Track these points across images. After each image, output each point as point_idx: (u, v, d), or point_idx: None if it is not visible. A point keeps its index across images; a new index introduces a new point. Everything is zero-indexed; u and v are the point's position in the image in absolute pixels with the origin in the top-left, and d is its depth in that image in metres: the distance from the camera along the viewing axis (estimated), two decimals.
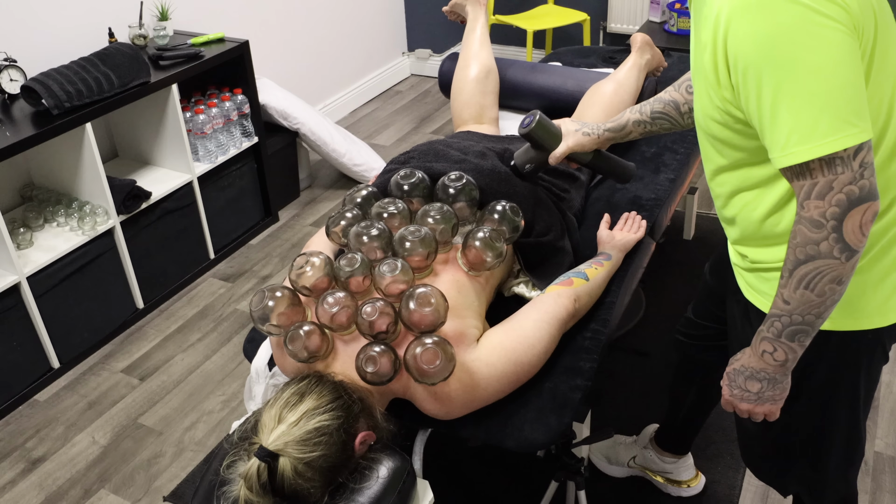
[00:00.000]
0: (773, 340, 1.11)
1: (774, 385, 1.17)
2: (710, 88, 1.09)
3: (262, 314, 1.35)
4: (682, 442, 1.92)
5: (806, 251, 1.01)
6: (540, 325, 1.45)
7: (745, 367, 1.18)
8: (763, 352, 1.13)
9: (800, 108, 0.95)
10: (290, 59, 3.78)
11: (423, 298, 1.30)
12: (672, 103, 1.52)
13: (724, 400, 1.25)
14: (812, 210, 0.99)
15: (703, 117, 1.16)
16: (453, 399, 1.34)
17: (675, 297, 2.67)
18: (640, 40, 2.28)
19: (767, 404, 1.19)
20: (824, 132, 0.94)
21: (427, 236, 1.41)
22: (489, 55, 2.32)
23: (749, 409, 1.21)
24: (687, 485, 1.97)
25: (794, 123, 0.96)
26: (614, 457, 2.04)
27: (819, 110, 0.94)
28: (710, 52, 1.05)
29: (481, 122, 2.22)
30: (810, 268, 1.01)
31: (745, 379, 1.18)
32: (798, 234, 1.01)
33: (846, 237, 0.98)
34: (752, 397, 1.19)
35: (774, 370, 1.14)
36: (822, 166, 0.97)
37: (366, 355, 1.28)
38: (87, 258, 2.50)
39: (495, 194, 1.61)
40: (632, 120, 1.58)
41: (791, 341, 1.09)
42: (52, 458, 2.21)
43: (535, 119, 1.60)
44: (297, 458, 1.17)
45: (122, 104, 2.47)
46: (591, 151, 1.65)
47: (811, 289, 1.02)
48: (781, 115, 0.97)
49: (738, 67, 1.00)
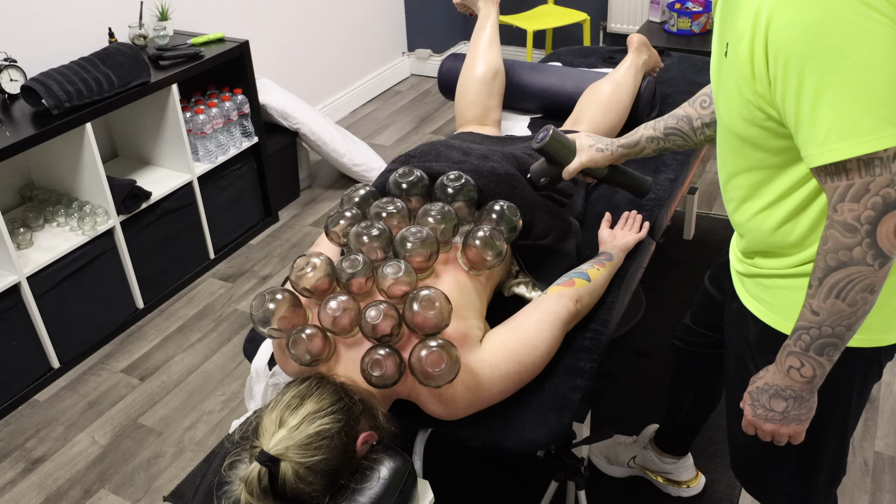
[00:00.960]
0: (801, 355, 1.05)
1: (801, 404, 1.11)
2: (743, 82, 1.03)
3: (263, 317, 1.34)
4: (682, 443, 1.93)
5: (838, 257, 0.96)
6: (542, 326, 1.45)
7: (769, 384, 1.12)
8: (790, 367, 1.08)
9: (843, 104, 0.91)
10: (290, 59, 3.78)
11: (428, 301, 1.29)
12: (685, 118, 1.48)
13: (745, 421, 1.19)
14: (846, 213, 0.94)
15: (729, 114, 1.11)
16: (458, 400, 1.34)
17: (675, 297, 2.68)
18: (636, 41, 2.28)
19: (793, 425, 1.13)
20: (867, 130, 0.90)
21: (429, 237, 1.41)
22: (497, 55, 2.28)
23: (774, 430, 1.15)
24: (687, 485, 1.97)
25: (836, 119, 0.92)
26: (614, 457, 2.04)
27: (864, 107, 0.90)
28: (748, 41, 0.99)
29: (484, 124, 2.21)
30: (842, 275, 0.97)
31: (770, 398, 1.12)
32: (830, 240, 0.96)
33: (880, 242, 0.94)
34: (778, 417, 1.13)
35: (801, 387, 1.09)
36: (859, 167, 0.92)
37: (371, 359, 1.27)
38: (87, 258, 2.50)
39: (494, 195, 1.61)
40: (645, 136, 1.55)
41: (819, 355, 1.04)
42: (52, 458, 2.21)
43: (549, 134, 1.59)
44: (298, 463, 1.17)
45: (122, 104, 2.47)
46: (606, 167, 1.63)
47: (842, 298, 0.98)
48: (822, 110, 0.92)
49: (779, 58, 0.95)
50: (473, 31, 2.39)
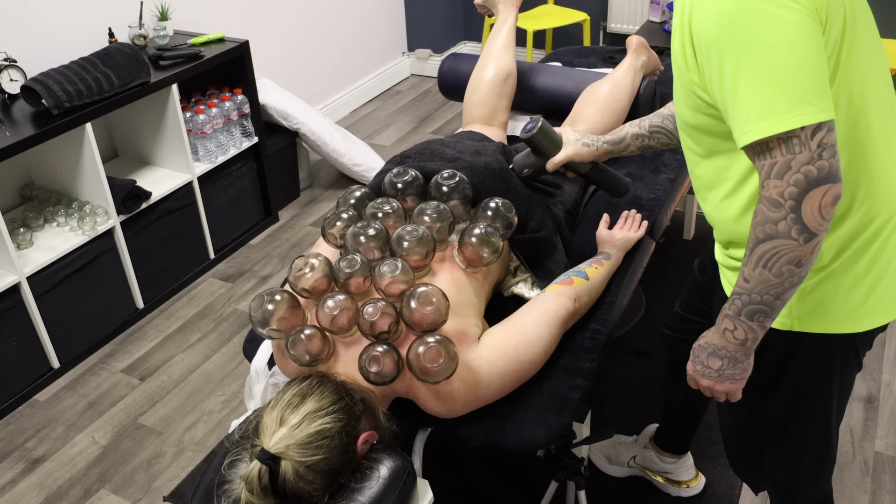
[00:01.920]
0: (734, 318, 1.11)
1: (735, 364, 1.17)
2: (681, 74, 1.11)
3: (262, 318, 1.34)
4: (681, 441, 1.93)
5: (765, 230, 1.01)
6: (540, 324, 1.45)
7: (708, 343, 1.19)
8: (724, 329, 1.14)
9: (758, 86, 0.96)
10: (290, 59, 3.78)
11: (425, 297, 1.30)
12: (670, 117, 1.53)
13: (688, 375, 1.26)
14: (771, 189, 0.99)
15: (679, 106, 1.17)
16: (456, 397, 1.34)
17: (675, 297, 2.66)
18: (635, 42, 2.29)
19: (727, 383, 1.20)
20: (781, 110, 0.95)
21: (425, 235, 1.42)
22: (511, 59, 2.28)
23: (710, 385, 1.21)
24: (687, 485, 1.97)
25: (752, 100, 0.97)
26: (614, 456, 2.04)
27: (777, 88, 0.95)
28: (679, 35, 1.07)
29: (490, 125, 2.20)
30: (768, 247, 1.01)
31: (708, 355, 1.19)
32: (758, 213, 1.01)
33: (805, 219, 0.98)
34: (713, 374, 1.20)
35: (735, 349, 1.15)
36: (780, 145, 0.97)
37: (369, 356, 1.28)
38: (87, 258, 2.50)
39: (489, 191, 1.61)
40: (630, 133, 1.59)
41: (750, 320, 1.09)
42: (52, 458, 2.21)
43: (538, 125, 1.62)
44: (298, 462, 1.17)
45: (122, 104, 2.47)
46: (589, 163, 1.67)
47: (769, 268, 1.02)
48: (741, 93, 0.98)
49: (701, 48, 1.02)
50: (491, 32, 2.38)
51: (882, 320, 1.20)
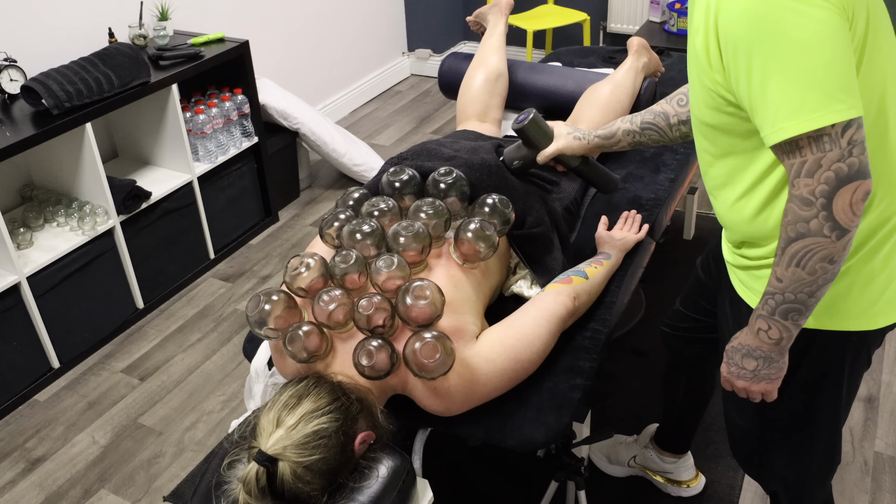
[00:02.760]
0: (768, 318, 1.12)
1: (770, 364, 1.17)
2: (702, 73, 1.10)
3: (259, 318, 1.34)
4: (681, 441, 1.93)
5: (797, 229, 1.01)
6: (539, 323, 1.45)
7: (742, 344, 1.19)
8: (758, 329, 1.14)
9: (788, 84, 0.96)
10: (290, 59, 3.78)
11: (420, 292, 1.30)
12: (662, 114, 1.54)
13: (722, 377, 1.26)
14: (802, 188, 0.99)
15: (697, 104, 1.17)
16: (453, 395, 1.34)
17: (675, 297, 2.66)
18: (636, 44, 2.30)
19: (763, 383, 1.20)
20: (812, 108, 0.95)
21: (420, 231, 1.42)
22: (501, 60, 2.33)
23: (745, 386, 1.22)
24: (687, 485, 1.97)
25: (783, 99, 0.97)
26: (615, 456, 2.04)
27: (806, 86, 0.95)
28: (703, 34, 1.06)
29: (484, 121, 2.22)
30: (801, 245, 1.02)
31: (742, 356, 1.19)
32: (789, 212, 1.02)
33: (836, 216, 0.98)
34: (749, 375, 1.20)
35: (770, 348, 1.15)
36: (810, 143, 0.97)
37: (362, 349, 1.28)
38: (87, 258, 2.50)
39: (486, 188, 1.61)
40: (622, 129, 1.60)
41: (784, 319, 1.10)
42: (52, 458, 2.21)
43: (530, 117, 1.64)
44: (296, 462, 1.17)
45: (122, 104, 2.47)
46: (579, 157, 1.68)
47: (802, 266, 1.03)
48: (770, 92, 0.98)
49: (728, 47, 1.01)
50: (482, 38, 2.45)
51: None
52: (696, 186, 2.95)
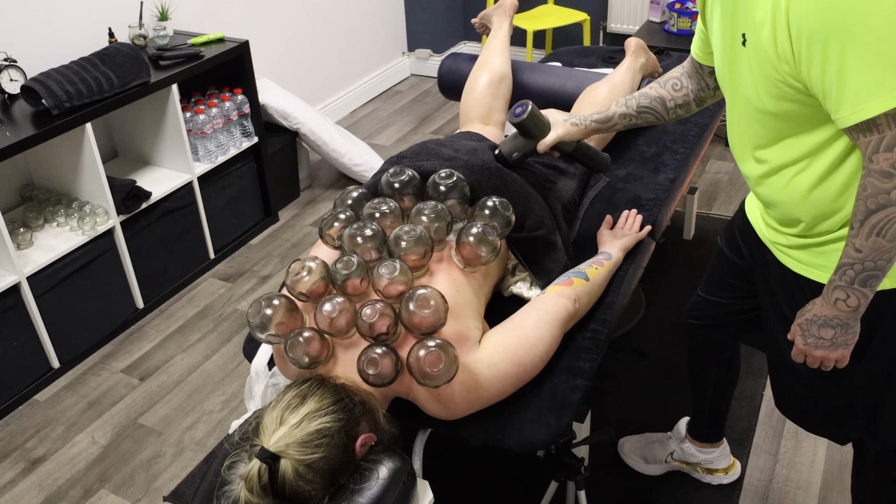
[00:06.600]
0: (846, 288, 1.18)
1: (846, 330, 1.24)
2: (767, 65, 1.15)
3: (261, 323, 1.34)
4: (715, 428, 1.95)
5: (877, 201, 1.09)
6: (541, 326, 1.45)
7: (818, 315, 1.25)
8: (836, 300, 1.21)
9: (866, 69, 1.03)
10: (290, 59, 3.78)
11: (423, 300, 1.29)
12: (658, 99, 1.60)
13: (796, 350, 1.31)
14: (881, 162, 1.07)
15: (757, 95, 1.21)
16: (456, 400, 1.34)
17: (675, 297, 2.68)
18: (634, 44, 2.31)
19: (840, 349, 1.27)
20: (891, 87, 1.02)
21: (422, 235, 1.41)
22: (506, 62, 2.33)
23: (823, 355, 1.28)
24: (725, 472, 1.98)
25: (862, 82, 1.04)
26: (651, 456, 2.05)
27: (884, 67, 1.02)
28: (770, 28, 1.11)
29: (487, 124, 2.22)
30: (882, 216, 1.09)
31: (819, 327, 1.25)
32: (868, 187, 1.09)
33: None
34: (826, 343, 1.26)
35: (847, 316, 1.22)
36: (888, 120, 1.04)
37: (367, 357, 1.27)
38: (87, 258, 2.50)
39: (486, 190, 1.61)
40: (618, 113, 1.65)
41: (864, 287, 1.17)
42: (52, 458, 2.21)
43: (528, 109, 1.67)
44: (298, 460, 1.17)
45: (122, 104, 2.47)
46: (574, 142, 1.74)
47: (883, 235, 1.10)
48: (849, 77, 1.04)
49: (801, 38, 1.07)
50: (486, 41, 2.44)
51: None
52: (696, 186, 2.95)
